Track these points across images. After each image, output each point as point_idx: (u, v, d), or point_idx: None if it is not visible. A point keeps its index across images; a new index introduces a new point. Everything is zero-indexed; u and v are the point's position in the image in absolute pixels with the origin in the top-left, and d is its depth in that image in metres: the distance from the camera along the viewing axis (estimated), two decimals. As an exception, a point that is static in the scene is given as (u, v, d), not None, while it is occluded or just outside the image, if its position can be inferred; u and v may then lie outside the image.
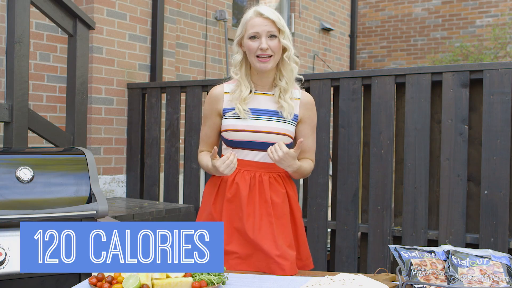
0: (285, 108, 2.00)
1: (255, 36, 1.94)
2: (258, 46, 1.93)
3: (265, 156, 2.00)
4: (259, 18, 1.95)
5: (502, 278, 1.66)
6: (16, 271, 1.68)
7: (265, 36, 1.93)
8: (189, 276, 1.61)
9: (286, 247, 1.95)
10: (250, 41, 1.95)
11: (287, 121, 2.01)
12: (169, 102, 4.15)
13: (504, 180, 2.81)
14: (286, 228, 1.99)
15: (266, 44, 1.93)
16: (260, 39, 1.94)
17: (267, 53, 1.94)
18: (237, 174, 2.00)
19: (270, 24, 1.94)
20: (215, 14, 5.74)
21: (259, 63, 1.95)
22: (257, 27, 1.94)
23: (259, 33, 1.94)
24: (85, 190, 1.88)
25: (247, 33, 1.96)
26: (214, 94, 2.07)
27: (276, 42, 1.95)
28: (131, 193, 4.40)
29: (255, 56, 1.95)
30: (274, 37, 1.95)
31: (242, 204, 1.97)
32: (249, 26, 1.96)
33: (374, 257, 3.16)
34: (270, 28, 1.94)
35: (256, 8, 1.98)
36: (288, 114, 2.00)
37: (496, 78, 2.85)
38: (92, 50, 4.18)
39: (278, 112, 2.02)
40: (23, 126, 2.84)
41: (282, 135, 2.00)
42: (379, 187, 3.17)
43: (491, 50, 8.01)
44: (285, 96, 2.01)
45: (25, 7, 2.84)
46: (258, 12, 1.96)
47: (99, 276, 1.57)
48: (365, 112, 3.34)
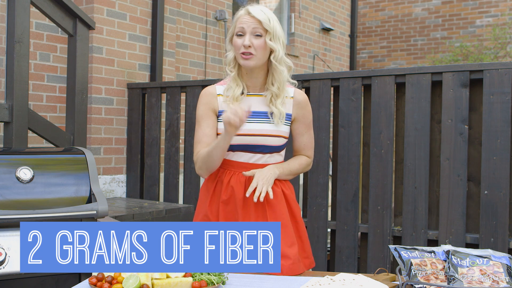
0: (275, 114, 1.99)
1: (241, 33, 1.95)
2: (242, 43, 1.94)
3: (260, 158, 2.00)
4: (247, 16, 1.96)
5: (502, 278, 1.66)
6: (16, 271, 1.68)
7: (249, 33, 1.94)
8: (189, 276, 1.61)
9: (286, 247, 1.94)
10: (236, 38, 1.97)
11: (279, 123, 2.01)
12: (169, 102, 4.15)
13: (504, 180, 2.81)
14: (286, 227, 1.98)
15: (249, 41, 1.93)
16: (244, 36, 1.94)
17: (249, 50, 1.93)
18: (232, 176, 1.99)
19: (256, 23, 1.94)
20: (215, 14, 5.74)
21: (241, 59, 1.95)
22: (243, 23, 1.95)
23: (244, 29, 1.94)
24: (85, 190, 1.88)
25: (235, 29, 1.98)
26: (209, 92, 2.06)
27: (260, 42, 1.94)
28: (131, 193, 4.40)
29: (239, 53, 1.95)
30: (259, 36, 1.94)
31: (237, 207, 1.96)
32: (238, 23, 1.98)
33: (374, 257, 3.16)
34: (255, 27, 1.94)
35: (247, 7, 1.99)
36: (278, 120, 1.99)
37: (496, 78, 2.85)
38: (92, 50, 4.18)
39: (270, 115, 2.01)
40: (23, 126, 2.84)
41: (275, 136, 1.99)
42: (379, 187, 3.17)
43: (491, 50, 8.01)
44: (276, 102, 1.99)
45: (25, 7, 2.84)
46: (247, 10, 1.97)
47: (99, 276, 1.57)
48: (365, 112, 3.34)
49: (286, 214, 2.00)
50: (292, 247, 1.96)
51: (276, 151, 2.02)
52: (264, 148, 1.98)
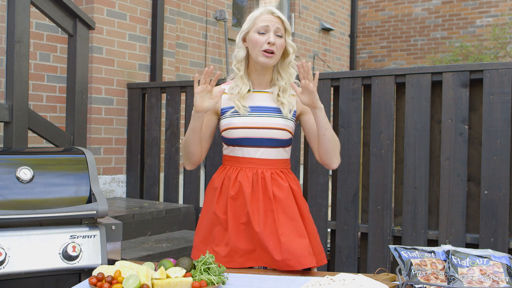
0: (285, 105, 2.03)
1: (264, 30, 1.99)
2: (266, 40, 1.98)
3: (266, 152, 2.01)
4: (270, 15, 2.02)
5: (502, 278, 1.66)
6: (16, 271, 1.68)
7: (273, 32, 1.99)
8: (189, 276, 1.61)
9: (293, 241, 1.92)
10: (257, 35, 2.00)
11: (286, 117, 2.02)
12: (169, 102, 4.15)
13: (504, 180, 2.81)
14: (294, 220, 1.98)
15: (274, 39, 1.98)
16: (268, 34, 1.99)
17: (272, 48, 1.98)
18: (240, 172, 2.01)
19: (280, 23, 2.01)
20: (215, 14, 5.74)
21: (263, 57, 1.99)
22: (268, 22, 2.00)
23: (269, 28, 1.99)
24: (85, 190, 1.88)
25: (255, 27, 2.01)
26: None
27: (282, 41, 2.01)
28: (131, 193, 4.40)
29: (261, 51, 1.98)
30: (280, 36, 2.01)
31: (246, 201, 1.97)
32: (259, 21, 2.01)
33: (374, 257, 3.16)
34: (279, 26, 2.01)
35: (267, 7, 2.06)
36: (288, 111, 2.03)
37: (496, 78, 2.85)
38: (92, 50, 4.18)
39: (278, 109, 2.04)
40: (23, 126, 2.84)
41: (282, 130, 2.01)
42: (379, 187, 3.17)
43: (491, 50, 8.01)
44: (284, 95, 2.05)
45: (25, 7, 2.84)
46: (269, 10, 2.04)
47: (99, 276, 1.57)
48: (365, 112, 3.34)
49: (294, 208, 2.00)
50: (301, 238, 1.95)
51: (282, 146, 2.04)
52: (271, 142, 1.99)
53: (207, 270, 1.63)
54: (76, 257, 1.75)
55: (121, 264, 1.66)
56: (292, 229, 1.96)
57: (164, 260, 1.69)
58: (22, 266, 1.69)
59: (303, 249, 1.92)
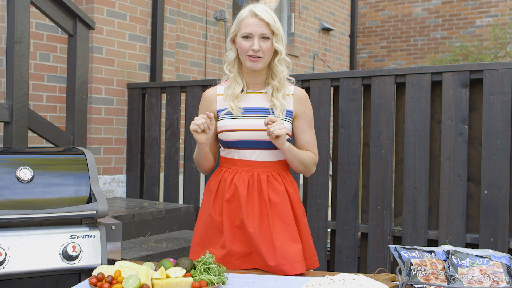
0: (277, 107, 1.99)
1: (248, 36, 1.95)
2: (250, 47, 1.94)
3: (262, 155, 2.00)
4: (254, 18, 1.95)
5: (502, 278, 1.66)
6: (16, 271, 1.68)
7: (257, 37, 1.94)
8: (189, 276, 1.61)
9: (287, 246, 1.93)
10: (242, 40, 1.96)
11: (280, 118, 2.00)
12: (169, 102, 4.15)
13: (504, 180, 2.81)
14: (288, 225, 1.98)
15: (258, 45, 1.93)
16: (252, 40, 1.94)
17: (258, 54, 1.94)
18: (236, 174, 2.00)
19: (264, 26, 1.94)
20: (215, 14, 5.74)
21: (249, 62, 1.96)
22: (251, 28, 1.94)
23: (252, 34, 1.94)
24: (85, 190, 1.88)
25: (240, 31, 1.97)
26: (208, 95, 2.08)
27: (268, 44, 1.95)
28: (131, 193, 4.40)
29: (246, 56, 1.96)
30: (267, 39, 1.95)
31: (241, 204, 1.96)
32: (243, 25, 1.96)
33: (374, 257, 3.16)
34: (264, 31, 1.94)
35: (252, 8, 1.97)
36: (279, 112, 1.99)
37: (496, 78, 2.85)
38: (92, 50, 4.18)
39: (271, 110, 2.01)
40: (23, 126, 2.84)
41: None
42: (379, 187, 3.17)
43: (491, 50, 8.01)
44: (277, 95, 2.01)
45: (25, 7, 2.84)
46: (253, 12, 1.95)
47: (99, 276, 1.57)
48: (365, 112, 3.34)
49: (289, 212, 2.00)
50: (295, 243, 1.95)
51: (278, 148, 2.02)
52: (267, 144, 1.98)
53: (207, 270, 1.63)
54: (76, 257, 1.75)
55: (121, 264, 1.66)
56: (286, 233, 1.96)
57: (164, 260, 1.69)
58: (22, 266, 1.69)
59: (296, 254, 1.92)
